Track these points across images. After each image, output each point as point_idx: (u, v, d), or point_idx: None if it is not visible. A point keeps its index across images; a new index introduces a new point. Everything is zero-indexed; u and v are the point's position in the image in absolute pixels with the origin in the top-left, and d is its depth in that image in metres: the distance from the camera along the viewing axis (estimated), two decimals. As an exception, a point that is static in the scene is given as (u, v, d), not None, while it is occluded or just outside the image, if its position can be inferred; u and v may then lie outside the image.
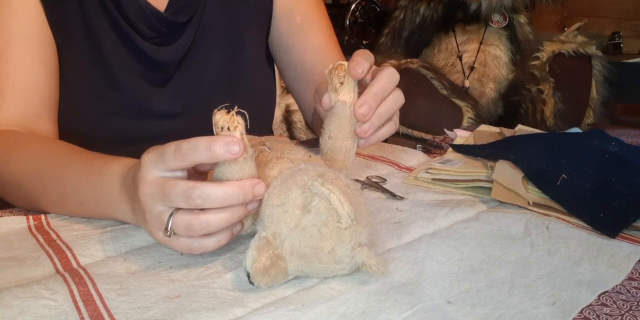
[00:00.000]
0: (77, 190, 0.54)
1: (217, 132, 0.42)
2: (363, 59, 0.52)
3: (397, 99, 0.55)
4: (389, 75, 0.53)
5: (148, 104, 0.74)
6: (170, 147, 0.42)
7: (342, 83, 0.51)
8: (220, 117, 0.42)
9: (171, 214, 0.43)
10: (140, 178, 0.44)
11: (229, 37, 0.79)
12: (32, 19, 0.66)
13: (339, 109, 0.51)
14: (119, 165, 0.51)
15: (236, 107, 0.42)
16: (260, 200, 0.45)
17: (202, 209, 0.43)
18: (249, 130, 0.42)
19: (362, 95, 0.52)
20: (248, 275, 0.42)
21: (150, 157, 0.43)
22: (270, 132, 0.92)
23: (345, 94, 0.51)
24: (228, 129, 0.42)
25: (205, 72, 0.77)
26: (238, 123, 0.42)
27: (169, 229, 0.43)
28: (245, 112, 0.43)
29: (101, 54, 0.70)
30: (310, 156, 0.51)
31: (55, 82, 0.69)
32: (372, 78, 0.54)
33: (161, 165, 0.43)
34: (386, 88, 0.53)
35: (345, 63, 0.51)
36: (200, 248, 0.45)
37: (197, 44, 0.76)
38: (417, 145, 0.84)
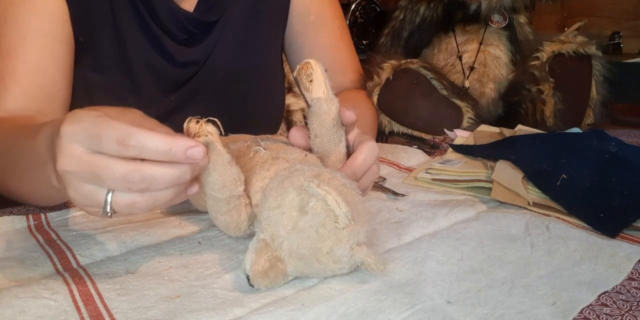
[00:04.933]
0: (21, 156, 0.50)
1: None
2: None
3: (372, 175, 0.53)
4: (370, 150, 0.51)
5: (165, 104, 0.74)
6: (112, 133, 0.37)
7: (311, 81, 0.50)
8: (191, 127, 0.41)
9: (108, 192, 0.39)
10: (59, 150, 0.39)
11: (248, 34, 0.79)
12: (52, 16, 0.66)
13: (316, 106, 0.50)
14: (50, 126, 0.45)
15: (201, 117, 0.42)
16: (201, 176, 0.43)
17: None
18: (257, 129, 0.41)
19: (341, 169, 0.50)
20: (248, 278, 0.42)
21: (74, 130, 0.38)
22: (276, 131, 0.92)
23: (317, 90, 0.50)
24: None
25: (221, 69, 0.78)
26: (208, 132, 0.41)
27: (108, 209, 0.39)
28: (217, 120, 0.42)
29: (125, 55, 0.71)
30: (306, 155, 0.51)
31: (67, 81, 0.69)
32: (355, 146, 0.52)
33: (93, 145, 0.38)
34: (366, 163, 0.51)
35: (311, 61, 0.50)
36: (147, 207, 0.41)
37: (222, 41, 0.76)
38: (414, 146, 0.84)
